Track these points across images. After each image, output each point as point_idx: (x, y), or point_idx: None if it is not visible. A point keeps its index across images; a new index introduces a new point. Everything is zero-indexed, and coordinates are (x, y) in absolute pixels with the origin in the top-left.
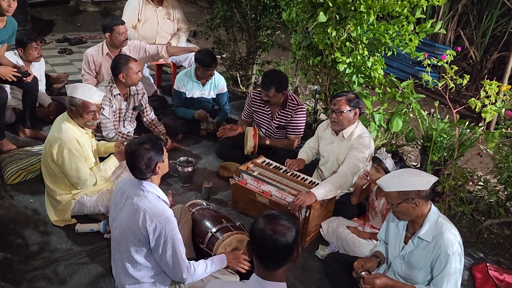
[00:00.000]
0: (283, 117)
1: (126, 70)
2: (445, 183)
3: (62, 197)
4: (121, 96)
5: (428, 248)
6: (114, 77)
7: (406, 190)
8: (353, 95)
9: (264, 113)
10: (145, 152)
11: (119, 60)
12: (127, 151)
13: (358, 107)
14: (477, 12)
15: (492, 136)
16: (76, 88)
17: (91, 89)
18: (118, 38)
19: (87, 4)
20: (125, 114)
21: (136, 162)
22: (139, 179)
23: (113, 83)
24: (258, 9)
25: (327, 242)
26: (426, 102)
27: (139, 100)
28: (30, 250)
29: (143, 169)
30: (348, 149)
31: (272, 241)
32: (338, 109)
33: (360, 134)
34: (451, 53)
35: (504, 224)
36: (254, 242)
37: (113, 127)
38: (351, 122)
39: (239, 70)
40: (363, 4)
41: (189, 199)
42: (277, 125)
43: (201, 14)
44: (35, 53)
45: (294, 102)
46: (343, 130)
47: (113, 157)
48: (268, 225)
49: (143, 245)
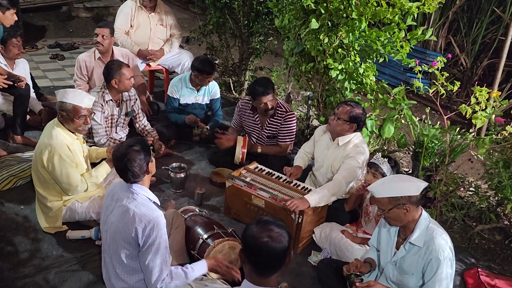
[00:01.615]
0: (273, 125)
1: (119, 76)
2: (436, 189)
3: (53, 203)
4: (113, 102)
5: (419, 253)
6: (106, 82)
7: (396, 196)
8: (360, 111)
9: (253, 122)
10: (136, 154)
11: (111, 66)
12: (116, 156)
13: (357, 123)
14: (468, 19)
15: (482, 142)
16: (66, 93)
17: (81, 94)
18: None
19: (79, 10)
20: (117, 120)
21: (129, 165)
22: (131, 183)
23: (105, 89)
24: (251, 15)
25: (320, 248)
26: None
27: (132, 106)
28: (20, 258)
29: (137, 170)
30: (344, 158)
31: (268, 248)
32: (338, 113)
33: (356, 144)
34: (442, 59)
35: (495, 230)
36: (249, 249)
37: (105, 133)
38: (345, 132)
39: (232, 76)
40: (355, 11)
41: (182, 205)
42: (267, 134)
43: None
44: (16, 50)
45: (282, 109)
46: (339, 137)
47: (105, 163)
48: (262, 232)
49: (133, 248)
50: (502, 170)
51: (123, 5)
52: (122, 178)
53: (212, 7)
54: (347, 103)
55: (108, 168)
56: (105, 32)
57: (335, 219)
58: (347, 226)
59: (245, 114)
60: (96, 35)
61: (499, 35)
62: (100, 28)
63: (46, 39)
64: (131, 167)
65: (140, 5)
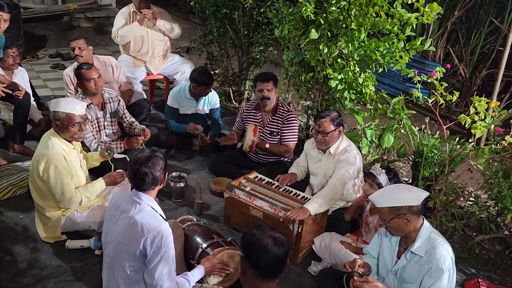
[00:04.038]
0: (274, 123)
1: (80, 77)
2: (436, 198)
3: (52, 213)
4: (94, 105)
5: (420, 263)
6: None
7: (397, 205)
8: (336, 113)
9: (255, 120)
10: (160, 160)
11: (76, 70)
12: (140, 159)
13: (341, 125)
14: (466, 30)
15: (482, 152)
16: (58, 102)
17: (73, 101)
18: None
19: (80, 20)
20: (104, 123)
21: (152, 169)
22: (142, 190)
23: (83, 94)
24: (251, 25)
25: (320, 258)
26: (417, 118)
27: (116, 107)
28: (19, 267)
29: (157, 176)
30: (336, 163)
31: (272, 248)
32: (323, 130)
33: (345, 147)
34: (441, 70)
35: (495, 240)
36: (250, 252)
37: (93, 137)
38: (336, 139)
39: (231, 85)
40: (354, 21)
41: (181, 214)
42: (269, 131)
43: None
44: (10, 60)
45: (284, 108)
46: (330, 148)
47: (101, 179)
48: (264, 234)
49: (138, 260)
50: (502, 180)
51: (118, 13)
52: (135, 184)
53: (212, 17)
54: (322, 116)
55: (104, 184)
56: (80, 43)
57: (335, 228)
58: (347, 236)
59: (249, 115)
60: (72, 48)
61: (498, 46)
62: (74, 40)
63: (47, 48)
64: (153, 171)
65: (134, 10)
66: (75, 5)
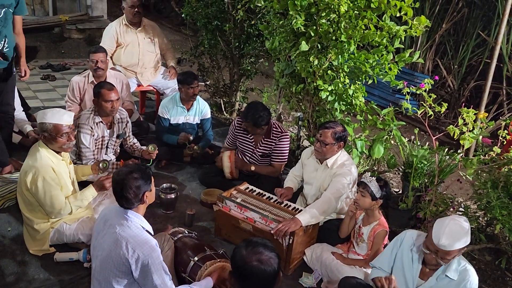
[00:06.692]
0: (267, 145)
1: (99, 96)
2: (426, 209)
3: (40, 225)
4: (103, 124)
5: (450, 285)
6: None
7: (466, 244)
8: (341, 128)
9: (247, 141)
10: (133, 181)
11: (98, 85)
12: (115, 179)
13: (343, 140)
14: (454, 42)
15: (470, 163)
16: (45, 113)
17: (59, 112)
18: (90, 64)
19: (71, 31)
20: (108, 142)
21: (124, 191)
22: (125, 208)
23: (96, 111)
24: (242, 37)
25: (311, 269)
26: (407, 129)
27: (124, 128)
28: (6, 281)
29: (131, 198)
30: (332, 176)
31: (258, 271)
32: (323, 140)
33: (343, 162)
34: (429, 81)
35: (485, 250)
36: (238, 272)
37: (93, 156)
38: (334, 153)
39: (223, 97)
40: (344, 34)
41: (172, 226)
42: (261, 153)
43: (185, 42)
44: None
45: (278, 130)
46: (327, 159)
47: (91, 187)
48: (252, 255)
49: (125, 275)
50: (491, 191)
51: (107, 27)
52: (118, 203)
53: (203, 29)
54: (327, 126)
55: (94, 192)
56: (101, 57)
57: (327, 239)
58: (338, 247)
59: (240, 133)
60: (93, 61)
61: (485, 58)
62: (96, 53)
63: (37, 59)
64: (126, 193)
65: (126, 23)
66: (66, 16)
